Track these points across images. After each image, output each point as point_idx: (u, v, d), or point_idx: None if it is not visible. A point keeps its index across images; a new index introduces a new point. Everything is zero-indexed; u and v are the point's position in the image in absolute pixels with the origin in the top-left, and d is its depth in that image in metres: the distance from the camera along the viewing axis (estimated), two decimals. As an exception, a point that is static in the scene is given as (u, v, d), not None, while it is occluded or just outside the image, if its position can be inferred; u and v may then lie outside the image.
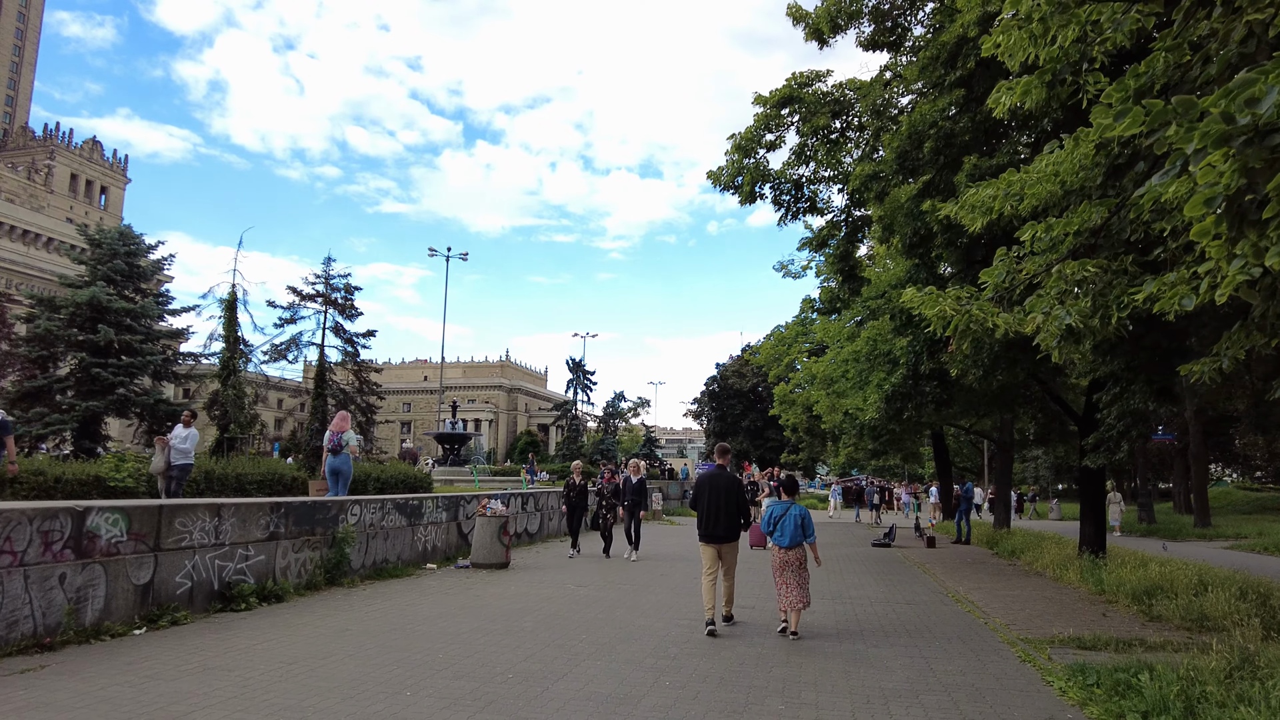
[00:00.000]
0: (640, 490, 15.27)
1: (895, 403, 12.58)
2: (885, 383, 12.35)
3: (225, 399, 25.02)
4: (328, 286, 27.25)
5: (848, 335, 15.61)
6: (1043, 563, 14.68)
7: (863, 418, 16.34)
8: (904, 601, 10.79)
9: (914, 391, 12.30)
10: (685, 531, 23.12)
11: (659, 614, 9.44)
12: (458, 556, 14.03)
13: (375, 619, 8.69)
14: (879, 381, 12.52)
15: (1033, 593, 11.79)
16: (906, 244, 10.46)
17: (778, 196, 11.71)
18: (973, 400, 16.52)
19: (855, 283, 12.60)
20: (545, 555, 15.71)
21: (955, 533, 21.72)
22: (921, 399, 12.33)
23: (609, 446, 65.22)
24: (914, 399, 12.40)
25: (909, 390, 12.30)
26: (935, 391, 12.27)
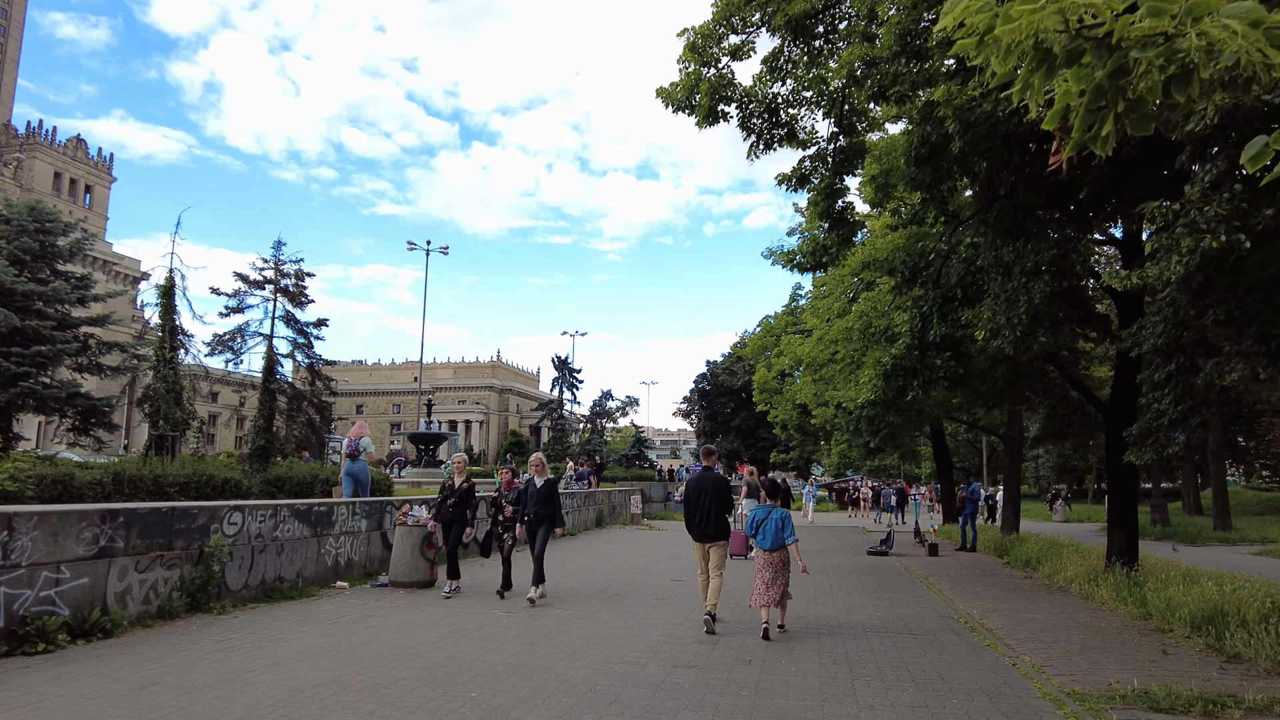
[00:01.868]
0: (548, 499, 10.15)
1: (897, 380, 10.40)
2: (885, 355, 10.24)
3: (157, 392, 22.75)
4: (278, 273, 25.01)
5: (838, 311, 13.50)
6: (1066, 575, 12.62)
7: (853, 406, 14.27)
8: (906, 630, 8.71)
9: (920, 366, 10.17)
10: (661, 540, 21.00)
11: (594, 653, 7.34)
12: (380, 572, 11.92)
13: (212, 664, 6.57)
14: (876, 359, 10.44)
15: (1062, 615, 9.71)
16: (913, 153, 8.31)
17: (747, 119, 9.40)
18: (980, 390, 14.48)
19: (845, 229, 10.32)
20: (489, 570, 13.58)
21: (959, 539, 19.65)
22: (931, 375, 10.13)
23: (596, 447, 63.08)
24: (920, 375, 10.19)
25: (914, 364, 10.17)
26: (948, 365, 10.10)
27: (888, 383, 10.60)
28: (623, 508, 28.11)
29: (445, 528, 10.82)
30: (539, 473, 10.40)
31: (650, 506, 32.82)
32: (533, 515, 10.18)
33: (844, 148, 9.21)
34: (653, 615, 9.38)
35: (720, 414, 58.88)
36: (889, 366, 10.38)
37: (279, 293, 25.73)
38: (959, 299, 9.05)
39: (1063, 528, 31.83)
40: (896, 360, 10.37)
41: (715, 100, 8.91)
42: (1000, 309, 7.70)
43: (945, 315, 9.10)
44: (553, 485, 10.41)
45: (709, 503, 8.49)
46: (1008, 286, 7.78)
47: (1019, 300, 7.49)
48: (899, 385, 10.62)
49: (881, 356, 10.26)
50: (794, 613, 9.53)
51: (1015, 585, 12.69)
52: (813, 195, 9.51)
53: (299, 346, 25.96)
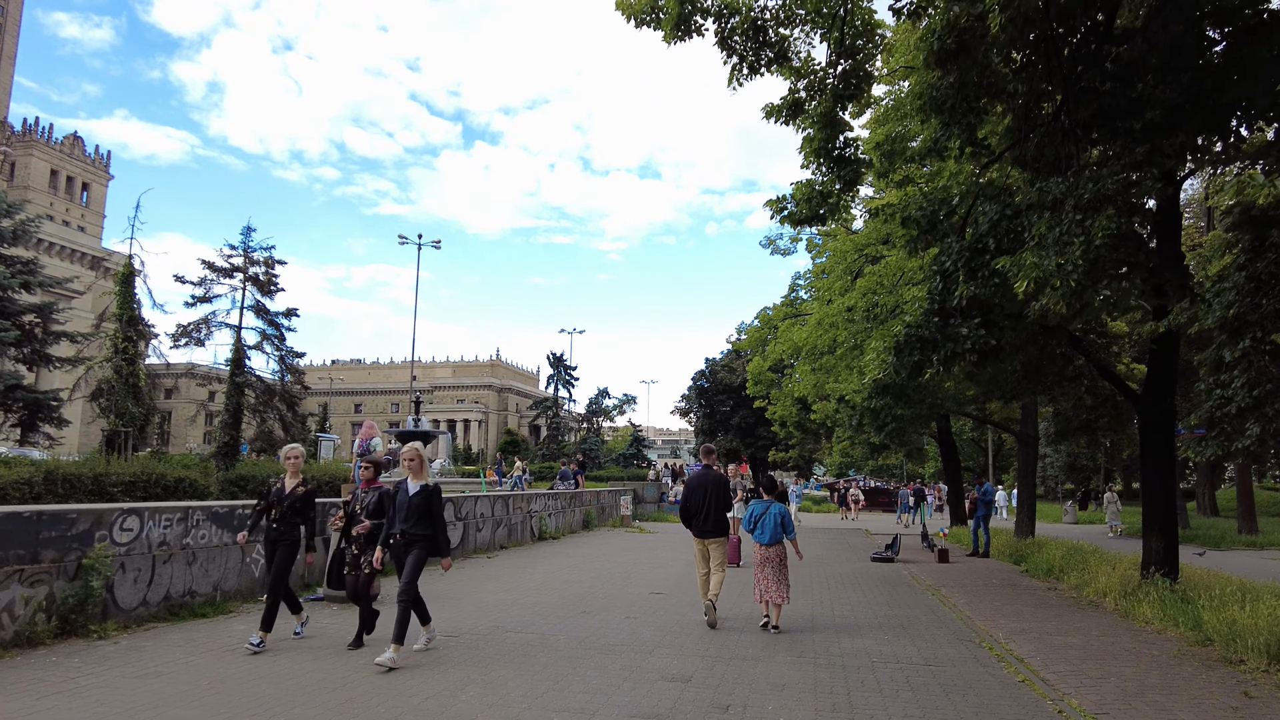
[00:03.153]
0: (424, 512, 7.06)
1: (911, 354, 8.55)
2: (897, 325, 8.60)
3: (114, 385, 21.37)
4: (247, 260, 23.59)
5: (839, 289, 11.92)
6: (1097, 588, 11.16)
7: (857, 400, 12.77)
8: (921, 660, 7.25)
9: (941, 336, 8.37)
10: (650, 544, 19.55)
11: (525, 701, 5.90)
12: (319, 584, 10.48)
13: (38, 714, 5.14)
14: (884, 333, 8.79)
15: (1103, 639, 8.25)
16: (936, 46, 6.75)
17: (726, 38, 7.84)
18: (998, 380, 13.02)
19: (848, 169, 8.71)
20: (448, 580, 12.15)
21: (971, 543, 18.18)
22: (954, 347, 8.24)
23: (592, 446, 61.68)
24: (942, 348, 8.25)
25: (933, 334, 8.39)
26: (975, 335, 8.18)
27: (900, 358, 8.61)
28: (613, 509, 26.66)
29: (269, 550, 7.47)
30: (415, 472, 6.98)
31: (643, 507, 31.35)
32: (400, 535, 6.91)
33: (847, 71, 7.68)
34: (608, 660, 7.92)
35: (719, 412, 57.48)
36: (902, 338, 8.61)
37: (248, 281, 24.32)
38: (990, 251, 7.47)
39: (1074, 530, 30.34)
40: (912, 330, 8.50)
41: (687, 8, 7.35)
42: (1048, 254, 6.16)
43: (973, 271, 7.44)
44: (432, 494, 6.98)
45: (709, 500, 8.64)
46: (1058, 227, 6.26)
47: (1073, 242, 5.99)
48: (914, 361, 8.51)
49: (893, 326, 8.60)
50: (789, 632, 8.10)
51: (1039, 599, 11.23)
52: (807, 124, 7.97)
53: (268, 338, 24.50)
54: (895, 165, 11.56)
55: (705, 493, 8.67)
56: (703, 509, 8.65)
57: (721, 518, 8.68)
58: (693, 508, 8.74)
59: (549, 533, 19.63)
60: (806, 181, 8.75)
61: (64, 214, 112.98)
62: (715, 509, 8.63)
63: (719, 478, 8.84)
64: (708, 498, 8.64)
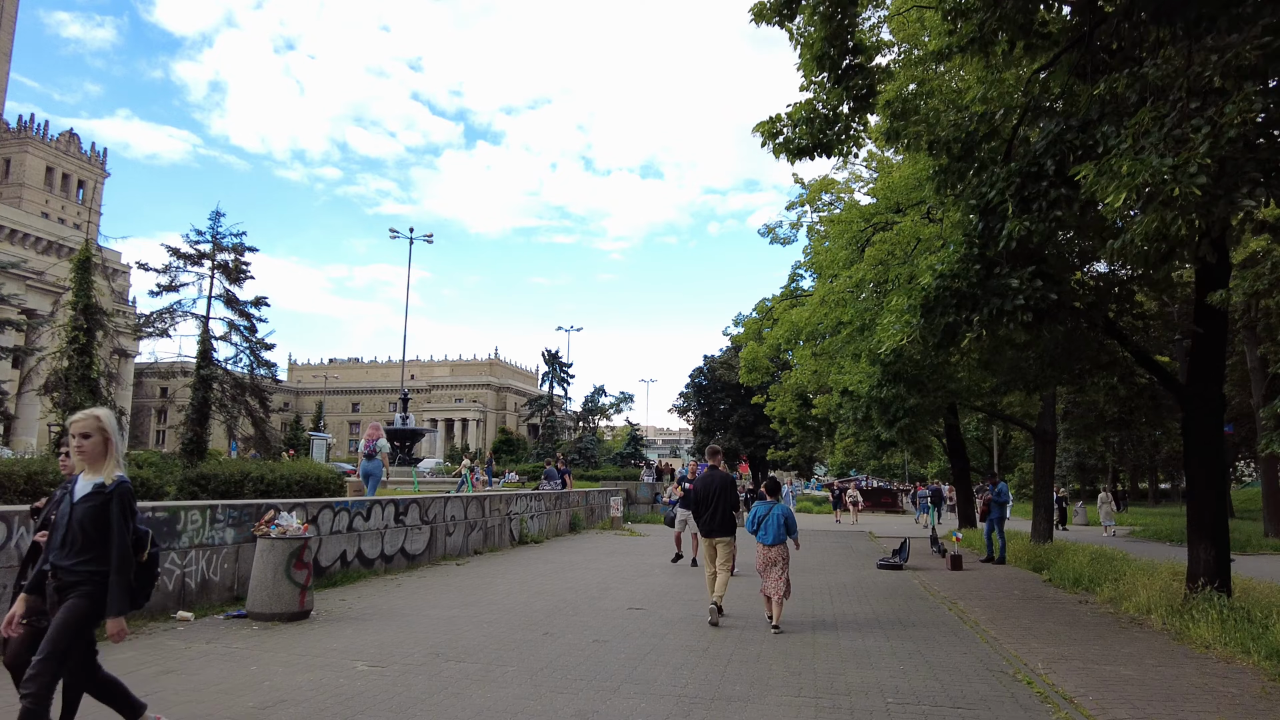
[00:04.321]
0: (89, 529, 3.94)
1: (944, 313, 6.73)
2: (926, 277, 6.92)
3: (65, 376, 19.98)
4: (215, 247, 22.23)
5: (844, 261, 10.45)
6: (1137, 603, 9.79)
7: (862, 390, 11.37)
8: (947, 700, 5.90)
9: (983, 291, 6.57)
10: (639, 548, 18.19)
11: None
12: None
13: None
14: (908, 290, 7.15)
15: (1162, 670, 6.89)
16: None
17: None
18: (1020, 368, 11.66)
19: (859, 81, 7.17)
20: (400, 592, 10.81)
21: (985, 548, 16.81)
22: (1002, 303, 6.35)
23: (588, 445, 60.32)
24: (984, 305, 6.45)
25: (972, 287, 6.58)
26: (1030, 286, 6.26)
27: (930, 319, 6.81)
28: (602, 510, 25.31)
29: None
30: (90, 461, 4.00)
31: (636, 509, 29.99)
32: (51, 572, 3.98)
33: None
34: (560, 702, 6.56)
35: (717, 410, 56.15)
36: (933, 292, 6.80)
37: (217, 269, 22.94)
38: (1049, 176, 5.98)
39: (1084, 532, 28.97)
40: (945, 282, 6.69)
41: None
42: (1151, 156, 4.69)
43: (1027, 202, 5.88)
44: (108, 501, 3.95)
45: (716, 500, 8.83)
46: (1165, 119, 4.85)
47: (1192, 137, 4.59)
48: (948, 323, 6.67)
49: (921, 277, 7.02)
50: (787, 658, 6.74)
51: (1072, 615, 9.86)
52: (806, 23, 6.53)
53: (236, 328, 23.13)
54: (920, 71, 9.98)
55: (712, 493, 8.83)
56: (709, 509, 8.82)
57: (728, 517, 8.86)
58: (699, 507, 8.93)
59: (530, 536, 18.29)
60: (806, 101, 7.30)
61: (59, 211, 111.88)
62: (722, 508, 8.82)
63: (726, 477, 9.04)
64: (714, 498, 8.81)
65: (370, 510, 12.43)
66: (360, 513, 12.24)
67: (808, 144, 7.22)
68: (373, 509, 12.51)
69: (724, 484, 8.98)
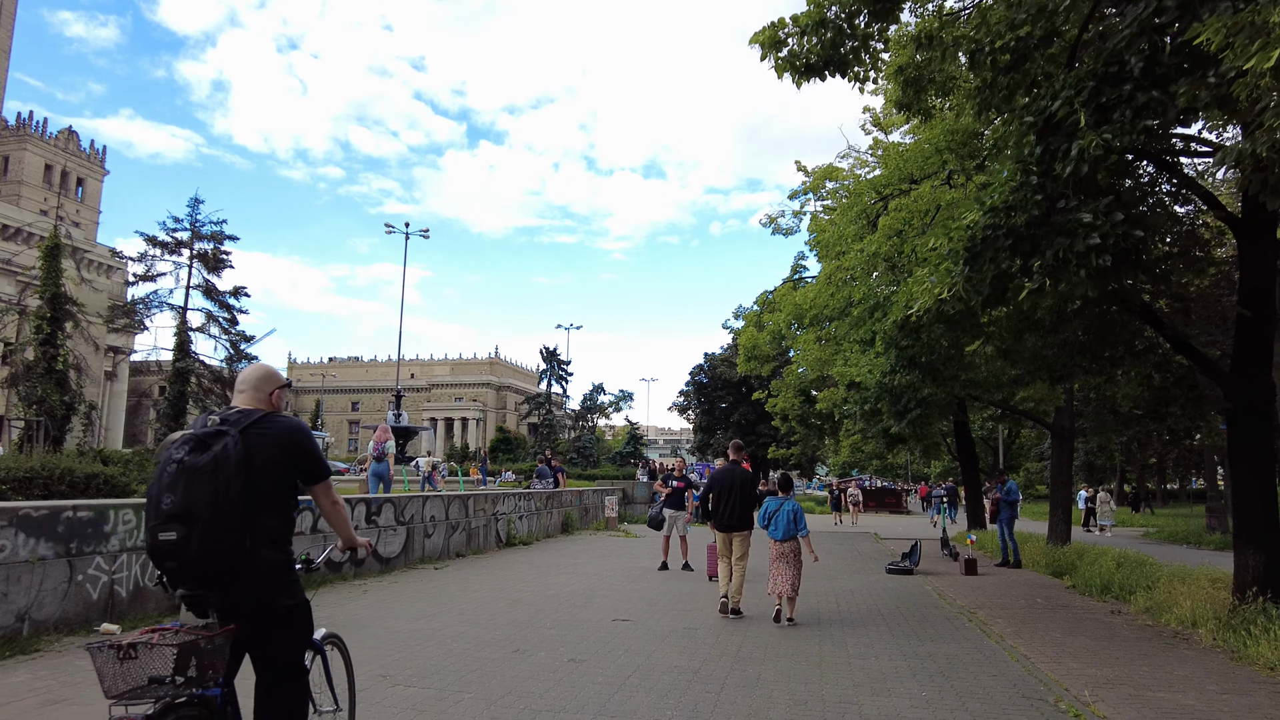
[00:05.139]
0: None
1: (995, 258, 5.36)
2: (970, 213, 5.63)
3: (30, 368, 19.05)
4: (194, 235, 21.29)
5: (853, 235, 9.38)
6: (1180, 614, 8.81)
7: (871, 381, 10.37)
8: (982, 737, 4.93)
9: (1041, 231, 5.18)
10: (632, 550, 17.24)
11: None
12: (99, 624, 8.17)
13: None
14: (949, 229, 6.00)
15: (1230, 699, 5.92)
16: None
17: None
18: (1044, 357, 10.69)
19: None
20: (365, 601, 9.87)
21: (999, 552, 15.82)
22: (1071, 243, 4.95)
23: (586, 444, 59.38)
24: (1047, 247, 5.08)
25: (1031, 226, 5.20)
26: (1109, 222, 4.90)
27: (977, 267, 5.48)
28: (597, 510, 24.36)
29: None
30: None
31: (633, 509, 29.07)
32: None
33: None
34: None
35: (718, 409, 55.15)
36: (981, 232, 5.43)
37: (195, 259, 22.00)
38: (1133, 76, 4.67)
39: (1091, 533, 27.97)
40: (997, 218, 5.31)
41: None
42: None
43: (1105, 110, 4.79)
44: None
45: (734, 496, 8.92)
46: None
47: None
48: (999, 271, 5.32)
49: (966, 214, 5.63)
50: (790, 682, 5.78)
51: (1108, 628, 8.88)
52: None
53: (214, 319, 22.20)
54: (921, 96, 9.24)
55: (730, 488, 8.92)
56: (727, 504, 8.90)
57: (746, 513, 8.96)
58: (717, 502, 9.00)
59: (518, 538, 17.34)
60: (816, 5, 6.22)
61: (58, 209, 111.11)
62: (740, 504, 8.91)
63: (743, 474, 9.08)
64: (732, 493, 8.91)
65: (376, 509, 11.51)
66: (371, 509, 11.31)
67: (818, 60, 6.04)
68: (377, 509, 11.59)
69: (743, 479, 9.01)
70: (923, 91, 9.56)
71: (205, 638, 2.72)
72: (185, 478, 2.80)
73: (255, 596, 2.92)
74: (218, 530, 2.77)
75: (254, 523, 2.88)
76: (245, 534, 2.84)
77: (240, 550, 2.82)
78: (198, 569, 2.78)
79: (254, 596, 2.92)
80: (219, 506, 2.78)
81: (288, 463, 3.07)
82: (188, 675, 2.64)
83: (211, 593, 2.87)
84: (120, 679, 2.58)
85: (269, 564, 2.93)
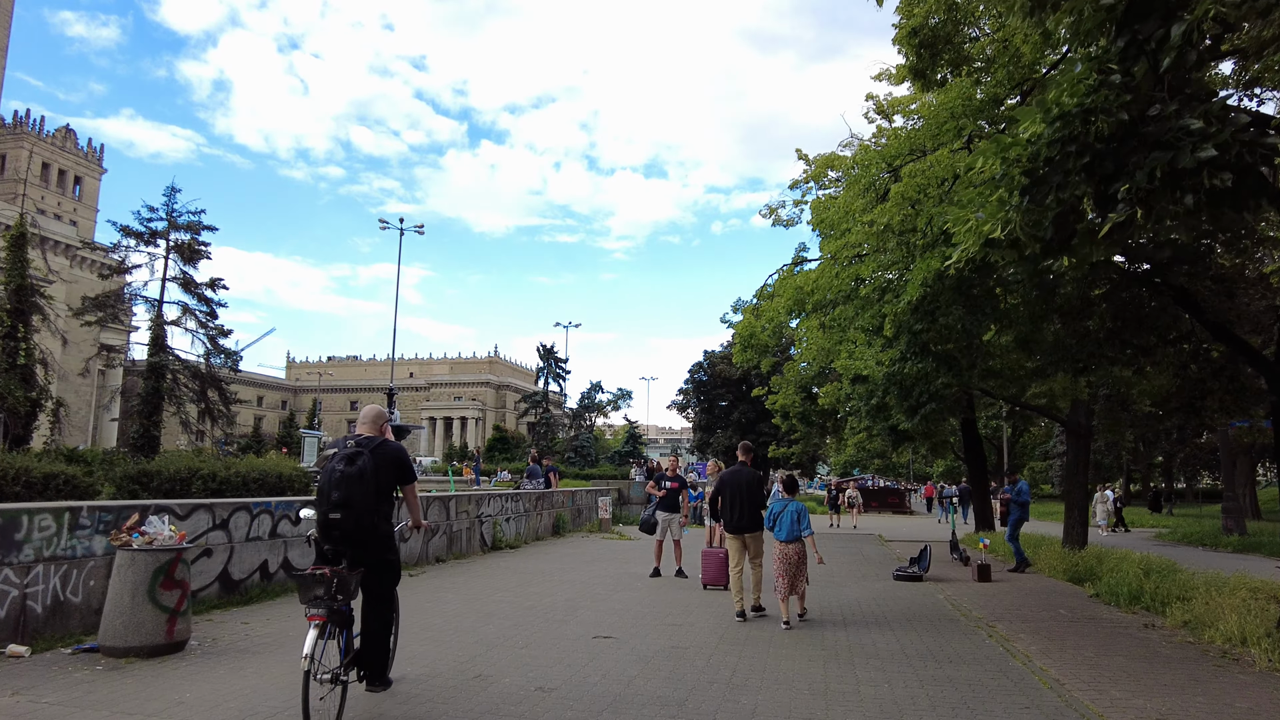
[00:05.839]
0: None
1: (1069, 182, 3.92)
2: (1033, 123, 4.19)
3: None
4: (171, 224, 20.39)
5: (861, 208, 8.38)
6: (1225, 631, 7.91)
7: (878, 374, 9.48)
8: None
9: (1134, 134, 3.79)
10: (625, 555, 16.37)
11: None
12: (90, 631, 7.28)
13: None
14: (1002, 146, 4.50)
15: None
16: None
17: None
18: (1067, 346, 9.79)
19: None
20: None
21: (1014, 557, 14.91)
22: (1174, 156, 3.60)
23: (584, 443, 58.48)
24: (1134, 167, 3.70)
25: (1113, 141, 3.81)
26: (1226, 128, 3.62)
27: (1038, 195, 4.12)
28: (591, 511, 23.47)
29: None
30: None
31: (629, 509, 28.17)
32: None
33: None
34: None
35: (717, 407, 54.25)
36: (1045, 149, 4.09)
37: (172, 250, 21.12)
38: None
39: (1094, 535, 27.08)
40: (1068, 129, 3.99)
41: None
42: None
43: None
44: None
45: (743, 497, 8.89)
46: None
47: None
48: (1069, 198, 3.99)
49: (1028, 123, 4.21)
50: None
51: (1145, 645, 7.98)
52: None
53: (190, 312, 21.32)
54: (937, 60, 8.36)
55: (739, 490, 8.90)
56: (739, 506, 8.86)
57: (756, 513, 8.94)
58: (727, 504, 8.96)
59: (505, 541, 16.46)
60: None
61: (55, 207, 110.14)
62: (750, 505, 8.88)
63: (752, 474, 9.09)
64: (741, 494, 8.88)
65: (301, 513, 10.59)
66: (289, 516, 10.41)
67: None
68: (304, 511, 10.66)
69: (751, 481, 9.00)
70: (938, 55, 8.68)
71: (347, 574, 4.68)
72: (344, 481, 4.79)
73: (375, 553, 4.94)
74: (362, 513, 4.79)
75: (377, 508, 4.88)
76: (374, 515, 4.86)
77: (372, 525, 4.84)
78: (351, 536, 4.79)
79: (374, 553, 4.94)
80: (363, 499, 4.78)
81: (395, 472, 5.04)
82: (334, 595, 4.54)
83: (353, 550, 4.82)
84: (305, 593, 4.56)
85: (384, 533, 4.99)
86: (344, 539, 4.79)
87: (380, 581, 5.09)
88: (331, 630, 4.62)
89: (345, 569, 4.72)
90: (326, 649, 4.57)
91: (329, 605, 4.50)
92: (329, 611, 4.49)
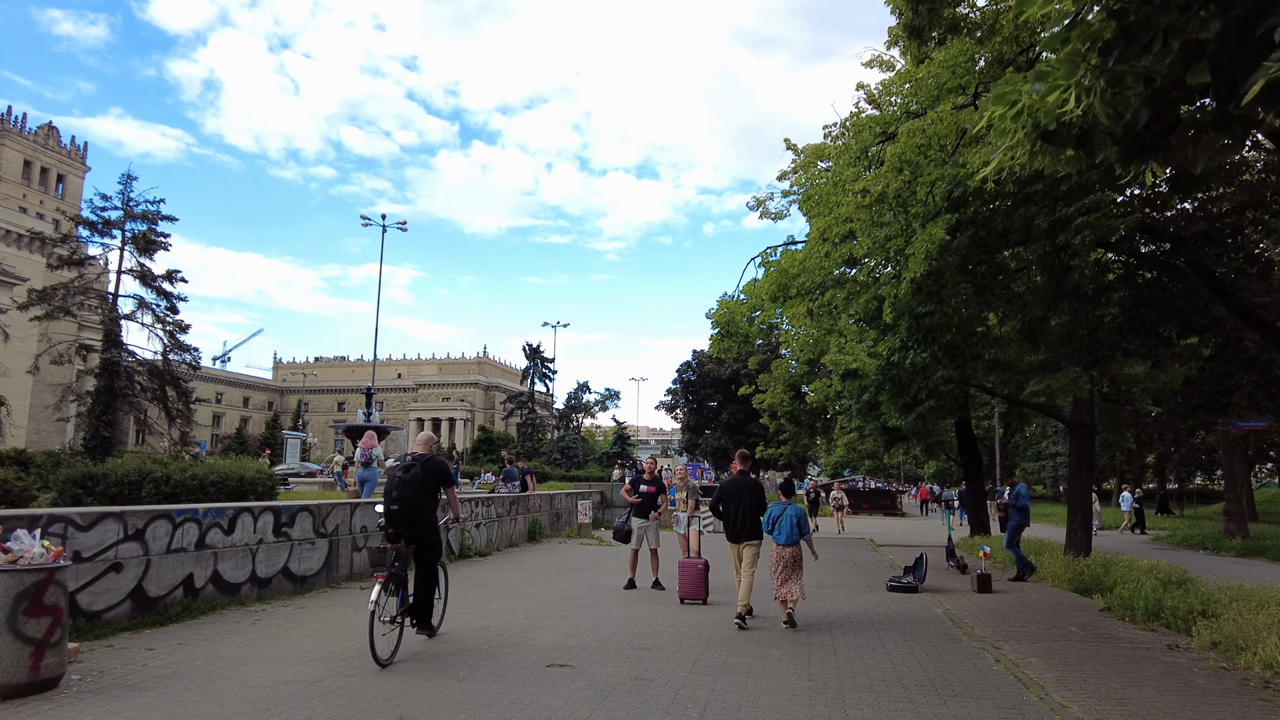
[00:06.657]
0: None
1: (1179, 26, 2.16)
2: None
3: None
4: (127, 214, 19.28)
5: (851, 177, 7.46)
6: (1265, 656, 7.00)
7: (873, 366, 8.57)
8: None
9: None
10: (600, 563, 15.39)
11: None
12: None
13: None
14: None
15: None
16: None
17: None
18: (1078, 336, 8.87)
19: None
20: (248, 634, 7.94)
21: (1014, 564, 14.00)
22: None
23: (570, 444, 57.46)
24: None
25: None
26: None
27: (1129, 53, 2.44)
28: (570, 515, 22.47)
29: None
30: None
31: (612, 513, 27.19)
32: None
33: None
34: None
35: (706, 408, 53.31)
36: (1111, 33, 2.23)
37: (127, 241, 20.00)
38: None
39: (1109, 535, 26.29)
40: None
41: None
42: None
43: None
44: None
45: (744, 505, 8.92)
46: None
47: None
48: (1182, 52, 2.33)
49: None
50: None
51: (1175, 673, 7.05)
52: None
53: (146, 306, 20.21)
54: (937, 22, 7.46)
55: (740, 499, 8.92)
56: (739, 514, 8.89)
57: (756, 522, 8.95)
58: (727, 514, 9.00)
59: (474, 548, 15.45)
60: None
61: (37, 205, 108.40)
62: (750, 514, 8.89)
63: (752, 483, 9.13)
64: (742, 503, 8.90)
65: (235, 520, 9.57)
66: (220, 524, 9.37)
67: None
68: (239, 519, 9.64)
69: (752, 489, 9.02)
70: (937, 11, 7.74)
71: (404, 549, 7.04)
72: (402, 484, 7.22)
73: (422, 535, 7.32)
74: (414, 507, 7.22)
75: (425, 503, 7.32)
76: (422, 509, 7.28)
77: (420, 516, 7.26)
78: (405, 521, 7.16)
79: (422, 535, 7.31)
80: (415, 496, 7.22)
81: (439, 479, 7.44)
82: (393, 563, 6.76)
83: (408, 531, 7.16)
84: (375, 560, 6.81)
85: (429, 522, 7.41)
86: (400, 523, 7.12)
87: (425, 556, 7.38)
88: (392, 589, 6.80)
89: (402, 545, 7.01)
90: (388, 603, 6.73)
91: (389, 569, 6.67)
92: (389, 574, 6.67)
